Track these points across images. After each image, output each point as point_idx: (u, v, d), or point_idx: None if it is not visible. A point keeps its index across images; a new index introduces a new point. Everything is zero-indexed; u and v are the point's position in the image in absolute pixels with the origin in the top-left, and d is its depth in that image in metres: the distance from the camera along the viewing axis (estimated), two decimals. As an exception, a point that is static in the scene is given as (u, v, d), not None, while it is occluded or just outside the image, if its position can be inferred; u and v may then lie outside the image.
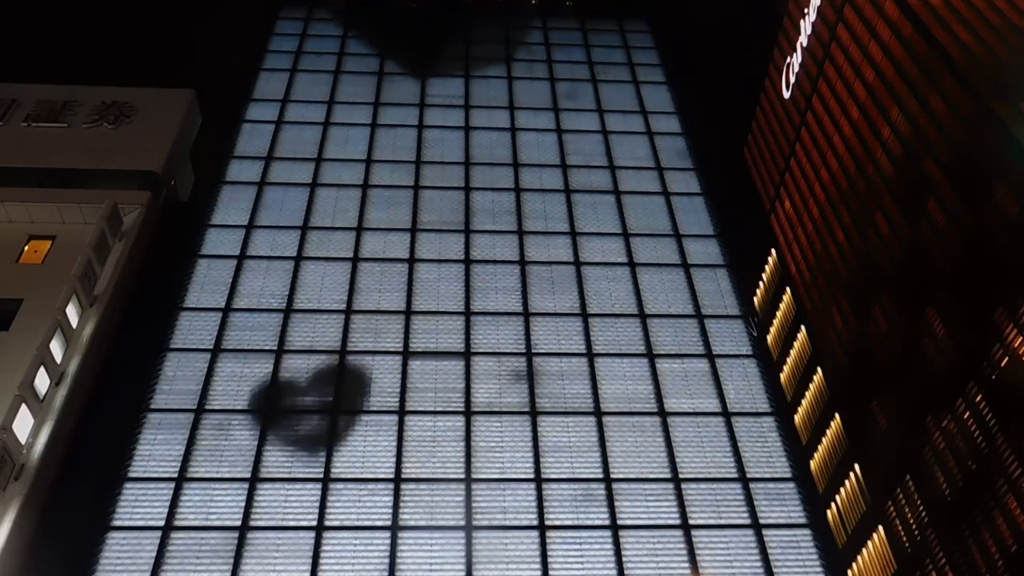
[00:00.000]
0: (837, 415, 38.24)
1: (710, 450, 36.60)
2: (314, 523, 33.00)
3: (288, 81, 56.57)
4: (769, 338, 46.23)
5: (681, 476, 35.42)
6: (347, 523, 33.14)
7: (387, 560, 32.00)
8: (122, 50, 62.34)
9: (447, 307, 41.87)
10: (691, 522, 33.90)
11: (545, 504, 34.07)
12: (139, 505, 33.24)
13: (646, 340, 40.95)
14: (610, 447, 36.28)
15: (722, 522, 34.09)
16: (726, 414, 38.02)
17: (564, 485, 34.86)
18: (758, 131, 52.69)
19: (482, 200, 48.27)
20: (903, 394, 33.14)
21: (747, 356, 40.80)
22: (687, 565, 32.59)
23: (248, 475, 34.34)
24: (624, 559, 32.53)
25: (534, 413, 37.35)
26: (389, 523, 33.15)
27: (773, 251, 48.08)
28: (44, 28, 66.86)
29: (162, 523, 32.62)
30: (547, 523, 33.48)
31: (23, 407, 33.43)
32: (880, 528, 33.74)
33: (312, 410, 36.89)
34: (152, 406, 36.65)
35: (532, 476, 35.01)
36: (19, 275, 40.31)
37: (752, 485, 35.41)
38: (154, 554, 31.74)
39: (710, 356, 40.53)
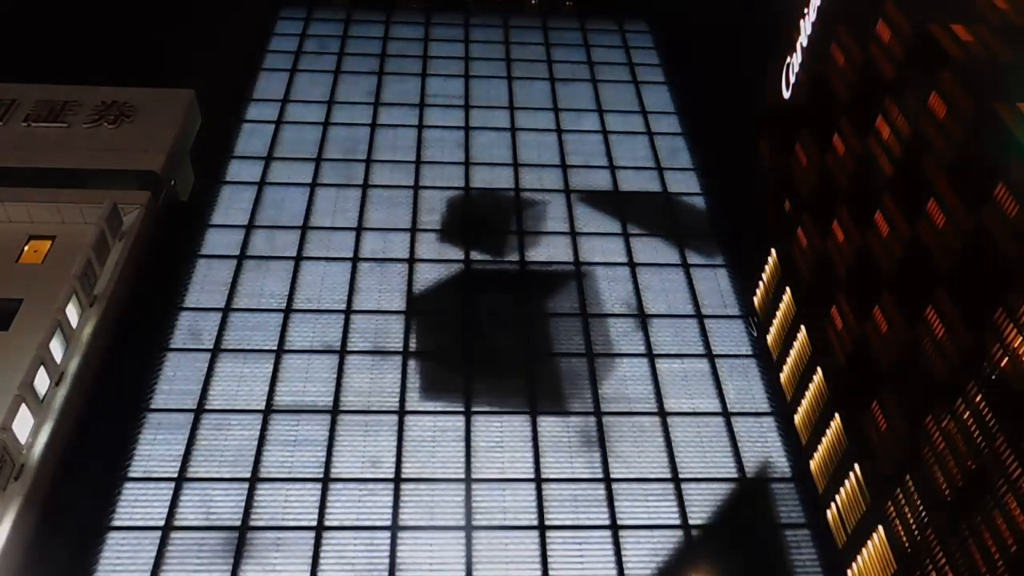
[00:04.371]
0: (837, 415, 38.23)
1: (710, 450, 36.60)
2: (314, 523, 33.00)
3: (288, 81, 56.56)
4: (769, 338, 46.22)
5: (681, 476, 35.42)
6: (347, 523, 33.13)
7: (387, 560, 32.00)
8: (122, 50, 62.33)
9: (447, 307, 41.83)
10: (691, 522, 33.89)
11: (545, 504, 34.07)
12: (139, 505, 33.23)
13: (646, 340, 40.94)
14: (610, 447, 36.28)
15: (722, 522, 34.07)
16: (726, 414, 38.01)
17: (564, 485, 34.85)
18: (758, 131, 52.68)
19: (482, 200, 48.24)
20: (903, 394, 33.14)
21: (747, 356, 40.79)
22: (687, 565, 32.58)
23: (248, 475, 34.33)
24: (624, 559, 32.53)
25: (534, 413, 37.35)
26: (389, 523, 33.15)
27: (773, 251, 48.08)
28: (44, 28, 66.86)
29: (162, 523, 32.63)
30: (547, 523, 33.48)
31: (23, 407, 33.44)
32: (880, 528, 33.74)
33: (312, 410, 36.88)
34: (152, 406, 36.65)
35: (532, 476, 35.01)
36: (19, 275, 40.33)
37: (752, 485, 35.38)
38: (154, 554, 31.74)
39: (710, 356, 40.52)
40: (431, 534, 32.93)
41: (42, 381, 35.02)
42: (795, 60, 46.91)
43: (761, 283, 49.31)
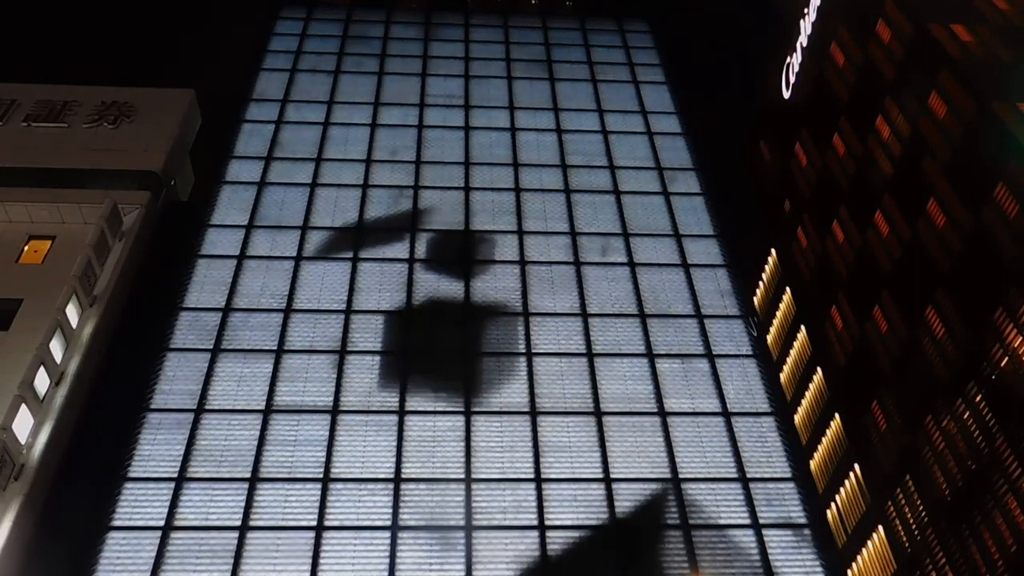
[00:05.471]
0: (837, 415, 38.27)
1: (710, 450, 36.60)
2: (314, 523, 33.01)
3: (288, 81, 56.57)
4: (769, 338, 46.24)
5: (681, 476, 35.42)
6: (347, 523, 33.14)
7: (387, 560, 32.00)
8: (122, 50, 62.42)
9: (447, 307, 41.84)
10: (691, 522, 33.90)
11: (545, 504, 34.07)
12: (139, 505, 33.22)
13: (646, 340, 40.94)
14: (610, 447, 36.27)
15: (722, 522, 34.09)
16: (726, 414, 38.00)
17: (564, 485, 34.86)
18: (758, 131, 52.70)
19: (482, 200, 48.28)
20: (903, 394, 33.16)
21: (747, 356, 40.77)
22: (687, 565, 32.59)
23: (248, 475, 34.34)
24: (624, 559, 32.51)
25: (534, 413, 37.35)
26: (389, 523, 33.15)
27: (773, 251, 48.10)
28: (44, 28, 66.90)
29: (162, 523, 32.61)
30: (547, 523, 33.47)
31: (23, 407, 33.45)
32: (880, 528, 33.77)
33: (312, 410, 36.88)
34: (152, 406, 36.64)
35: (532, 476, 35.01)
36: (19, 275, 40.35)
37: (752, 485, 35.40)
38: (154, 554, 31.73)
39: (710, 356, 40.50)
40: (431, 534, 32.93)
41: (42, 381, 35.03)
42: (795, 60, 46.94)
43: (761, 283, 49.34)
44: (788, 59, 48.01)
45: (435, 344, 40.12)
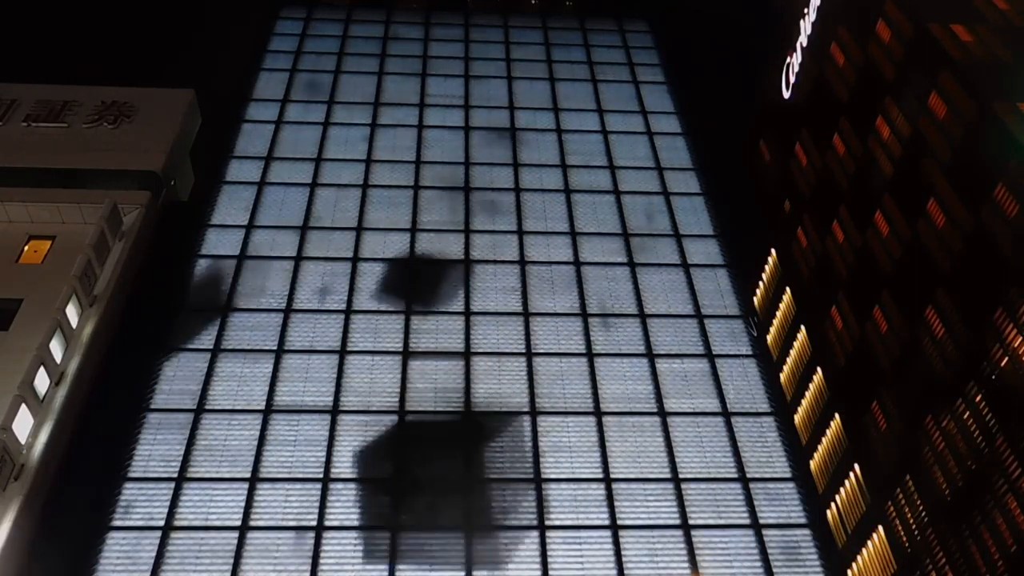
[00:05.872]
0: (837, 415, 38.26)
1: (710, 450, 36.61)
2: (314, 523, 33.01)
3: (288, 81, 56.55)
4: (769, 338, 46.25)
5: (681, 476, 35.43)
6: (347, 523, 33.14)
7: (388, 560, 31.98)
8: (122, 50, 62.41)
9: (447, 307, 41.87)
10: (691, 522, 33.90)
11: (545, 504, 34.07)
12: (139, 505, 33.25)
13: (646, 340, 40.94)
14: (610, 447, 36.28)
15: (722, 522, 34.10)
16: (726, 414, 38.01)
17: (564, 485, 34.86)
18: (758, 131, 52.71)
19: (482, 200, 48.27)
20: (903, 394, 33.16)
21: (747, 356, 40.79)
22: (687, 565, 32.60)
23: (248, 475, 34.34)
24: (624, 559, 32.53)
25: (534, 413, 37.36)
26: (390, 523, 33.13)
27: (773, 251, 48.10)
28: (44, 28, 66.90)
29: (162, 523, 32.63)
30: (547, 523, 33.48)
31: (23, 407, 33.44)
32: (880, 528, 33.76)
33: (312, 410, 36.88)
34: (152, 406, 36.65)
35: (533, 476, 35.01)
36: (19, 275, 40.33)
37: (752, 485, 35.41)
38: (154, 554, 31.74)
39: (710, 356, 40.52)
40: (433, 534, 32.93)
41: (42, 381, 35.02)
42: (795, 60, 46.95)
43: (761, 283, 49.34)
44: (788, 59, 48.03)
45: (434, 344, 40.11)
